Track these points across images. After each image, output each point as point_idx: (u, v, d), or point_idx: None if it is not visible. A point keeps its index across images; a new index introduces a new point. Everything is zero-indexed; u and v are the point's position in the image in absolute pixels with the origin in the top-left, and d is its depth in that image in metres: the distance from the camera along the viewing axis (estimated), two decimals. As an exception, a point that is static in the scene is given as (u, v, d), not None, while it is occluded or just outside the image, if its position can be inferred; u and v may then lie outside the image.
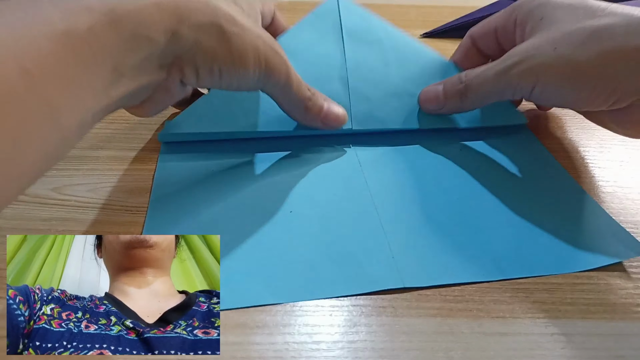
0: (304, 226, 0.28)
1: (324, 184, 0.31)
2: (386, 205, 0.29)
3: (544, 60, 0.28)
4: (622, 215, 0.30)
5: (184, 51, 0.25)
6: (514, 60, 0.29)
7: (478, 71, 0.32)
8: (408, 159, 0.33)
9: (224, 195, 0.30)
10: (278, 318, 0.23)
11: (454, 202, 0.30)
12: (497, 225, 0.28)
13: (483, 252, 0.27)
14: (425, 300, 0.24)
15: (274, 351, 0.22)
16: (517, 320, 0.24)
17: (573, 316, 0.24)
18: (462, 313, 0.24)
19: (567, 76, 0.28)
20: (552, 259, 0.27)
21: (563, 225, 0.28)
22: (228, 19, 0.26)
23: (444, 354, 0.22)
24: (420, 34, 0.55)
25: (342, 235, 0.27)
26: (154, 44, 0.23)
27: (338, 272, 0.25)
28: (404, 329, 0.23)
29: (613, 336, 0.23)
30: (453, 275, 0.25)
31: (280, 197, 0.30)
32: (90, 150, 0.34)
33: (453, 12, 0.58)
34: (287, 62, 0.29)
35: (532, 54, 0.29)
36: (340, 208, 0.29)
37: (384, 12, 0.62)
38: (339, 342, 0.23)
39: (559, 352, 0.22)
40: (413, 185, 0.31)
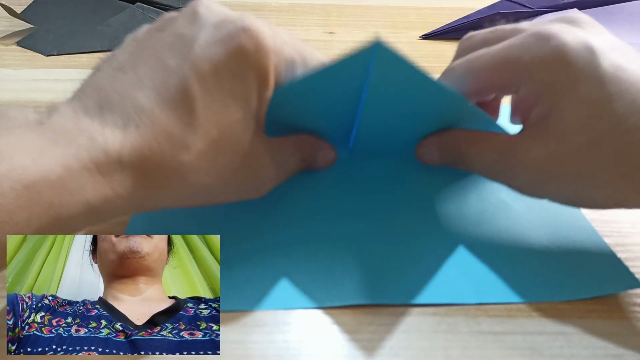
0: (282, 234, 0.28)
1: (309, 193, 0.30)
2: (370, 218, 0.29)
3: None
4: (619, 215, 0.30)
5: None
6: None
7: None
8: (399, 169, 0.32)
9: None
10: (278, 316, 0.24)
11: (442, 218, 0.29)
12: (478, 245, 0.27)
13: (462, 273, 0.26)
14: (424, 300, 0.25)
15: (274, 349, 0.22)
16: (515, 319, 0.24)
17: (571, 315, 0.24)
18: (461, 312, 0.24)
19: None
20: (537, 285, 0.25)
21: (554, 250, 0.27)
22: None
23: (442, 353, 0.22)
24: (420, 35, 0.55)
25: (319, 245, 0.27)
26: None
27: (310, 283, 0.25)
28: (402, 328, 0.23)
29: (611, 335, 0.23)
30: (429, 295, 0.24)
31: (267, 200, 0.29)
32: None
33: (452, 13, 0.59)
34: (278, 178, 0.27)
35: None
36: (322, 218, 0.29)
37: (383, 13, 0.63)
38: (339, 341, 0.23)
39: (557, 351, 0.22)
40: (400, 199, 0.30)
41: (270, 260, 0.26)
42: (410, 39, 0.55)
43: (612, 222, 0.29)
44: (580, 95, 0.22)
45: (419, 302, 0.24)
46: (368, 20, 0.60)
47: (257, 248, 0.27)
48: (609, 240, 0.28)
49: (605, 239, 0.28)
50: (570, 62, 0.22)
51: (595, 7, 0.54)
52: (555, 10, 0.54)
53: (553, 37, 0.23)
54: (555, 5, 0.54)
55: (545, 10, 0.54)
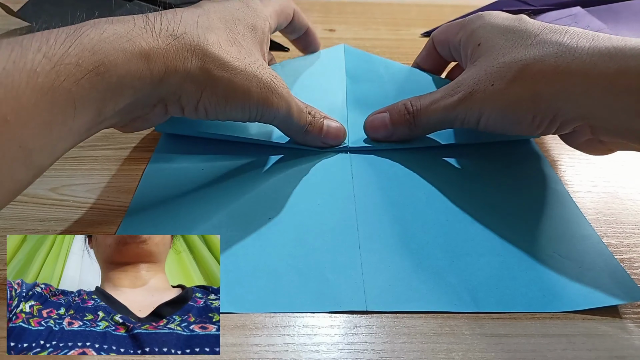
0: (278, 235, 0.27)
1: (311, 192, 0.30)
2: (369, 221, 0.28)
3: (484, 96, 0.29)
4: (623, 216, 0.30)
5: (169, 94, 0.26)
6: (458, 97, 0.30)
7: (425, 102, 0.32)
8: (404, 171, 0.32)
9: (207, 199, 0.30)
10: (277, 319, 0.23)
11: (440, 223, 0.28)
12: (481, 252, 0.27)
13: (460, 280, 0.25)
14: (425, 301, 0.24)
15: (274, 353, 0.22)
16: (518, 322, 0.24)
17: (574, 317, 0.24)
18: (463, 314, 0.24)
19: (506, 109, 0.29)
20: (536, 294, 0.24)
21: (554, 258, 0.26)
22: (218, 64, 0.26)
23: (445, 355, 0.22)
24: (421, 32, 0.55)
25: (315, 248, 0.27)
26: (139, 92, 0.24)
27: (302, 286, 0.25)
28: (404, 330, 0.23)
29: (614, 337, 0.23)
30: (422, 302, 0.24)
31: (263, 203, 0.29)
32: (88, 151, 0.34)
33: (454, 10, 0.58)
34: (287, 97, 0.30)
35: (474, 89, 0.29)
36: (321, 220, 0.28)
37: (385, 10, 0.62)
38: (339, 344, 0.22)
39: (560, 354, 0.22)
40: (401, 202, 0.30)
41: (271, 262, 0.26)
42: (411, 36, 0.54)
43: (616, 223, 0.29)
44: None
45: (415, 310, 0.24)
46: (369, 17, 0.60)
47: (257, 250, 0.26)
48: (612, 240, 0.28)
49: (609, 239, 0.28)
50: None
51: (599, 4, 0.54)
52: (557, 8, 0.54)
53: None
54: (558, 2, 0.54)
55: (548, 7, 0.54)
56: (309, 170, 0.32)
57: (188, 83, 0.26)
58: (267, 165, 0.32)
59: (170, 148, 0.34)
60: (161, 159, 0.33)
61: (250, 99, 0.28)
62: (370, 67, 0.40)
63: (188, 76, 0.26)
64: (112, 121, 0.25)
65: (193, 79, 0.26)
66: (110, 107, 0.24)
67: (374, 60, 0.41)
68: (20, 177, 0.21)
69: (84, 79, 0.22)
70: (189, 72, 0.26)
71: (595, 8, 0.53)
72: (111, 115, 0.24)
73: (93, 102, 0.22)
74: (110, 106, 0.24)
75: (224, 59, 0.27)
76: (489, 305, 0.24)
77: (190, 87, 0.26)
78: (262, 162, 0.33)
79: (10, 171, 0.20)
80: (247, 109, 0.28)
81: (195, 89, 0.26)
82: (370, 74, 0.39)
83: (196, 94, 0.27)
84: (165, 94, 0.26)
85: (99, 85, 0.22)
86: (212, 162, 0.32)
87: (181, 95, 0.26)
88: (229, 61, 0.27)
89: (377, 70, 0.39)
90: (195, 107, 0.27)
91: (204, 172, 0.32)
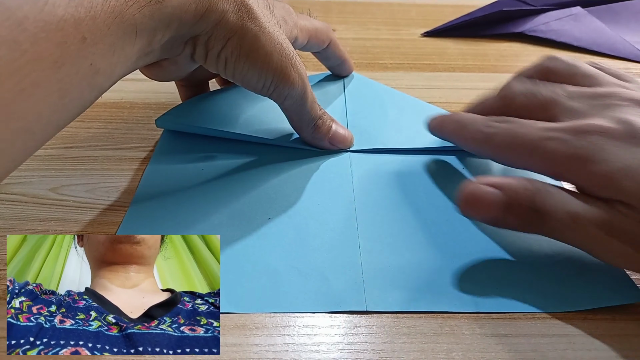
0: (278, 234, 0.27)
1: (311, 192, 0.30)
2: (369, 221, 0.28)
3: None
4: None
5: (202, 32, 0.27)
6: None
7: (568, 209, 0.24)
8: (404, 171, 0.32)
9: (207, 199, 0.29)
10: (277, 319, 0.23)
11: (441, 223, 0.28)
12: (481, 252, 0.27)
13: (460, 280, 0.25)
14: (425, 301, 0.24)
15: (274, 353, 0.22)
16: (518, 322, 0.23)
17: (575, 317, 0.24)
18: (463, 314, 0.24)
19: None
20: (536, 294, 0.24)
21: (554, 258, 0.26)
22: (252, 16, 0.28)
23: (444, 356, 0.22)
24: (421, 33, 0.55)
25: (315, 248, 0.27)
26: (183, 26, 0.26)
27: (302, 286, 0.25)
28: (404, 330, 0.23)
29: (615, 337, 0.23)
30: (422, 302, 0.24)
31: (263, 203, 0.29)
32: (88, 151, 0.34)
33: (454, 11, 0.58)
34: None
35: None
36: (321, 220, 0.28)
37: (385, 10, 0.62)
38: (339, 344, 0.22)
39: (561, 354, 0.22)
40: (402, 202, 0.30)
41: (271, 262, 0.26)
42: (411, 36, 0.54)
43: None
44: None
45: (415, 310, 0.24)
46: (369, 17, 0.60)
47: (257, 250, 0.26)
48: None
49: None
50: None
51: (599, 4, 0.54)
52: (557, 8, 0.54)
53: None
54: (558, 2, 0.54)
55: (548, 7, 0.54)
56: (309, 170, 0.32)
57: (222, 24, 0.27)
58: (267, 165, 0.32)
59: (170, 148, 0.34)
60: (162, 159, 0.33)
61: (270, 62, 0.28)
62: (370, 90, 0.40)
63: (223, 18, 0.27)
64: (154, 55, 0.27)
65: (227, 21, 0.27)
66: (158, 38, 0.25)
67: (373, 85, 0.41)
68: (85, 95, 0.23)
69: (146, 6, 0.23)
70: (225, 13, 0.26)
71: (595, 8, 0.53)
72: (156, 49, 0.26)
73: (148, 31, 0.24)
74: (158, 37, 0.25)
75: (257, 14, 0.28)
76: (489, 305, 0.24)
77: (222, 29, 0.27)
78: (263, 162, 0.33)
79: (79, 88, 0.22)
80: (264, 73, 0.28)
81: (224, 33, 0.27)
82: (369, 92, 0.40)
83: (224, 39, 0.27)
84: (200, 31, 0.27)
85: (155, 14, 0.24)
86: (212, 162, 0.32)
87: (211, 35, 0.27)
88: (260, 18, 0.28)
89: (376, 91, 0.40)
90: (218, 54, 0.28)
91: (204, 172, 0.32)
